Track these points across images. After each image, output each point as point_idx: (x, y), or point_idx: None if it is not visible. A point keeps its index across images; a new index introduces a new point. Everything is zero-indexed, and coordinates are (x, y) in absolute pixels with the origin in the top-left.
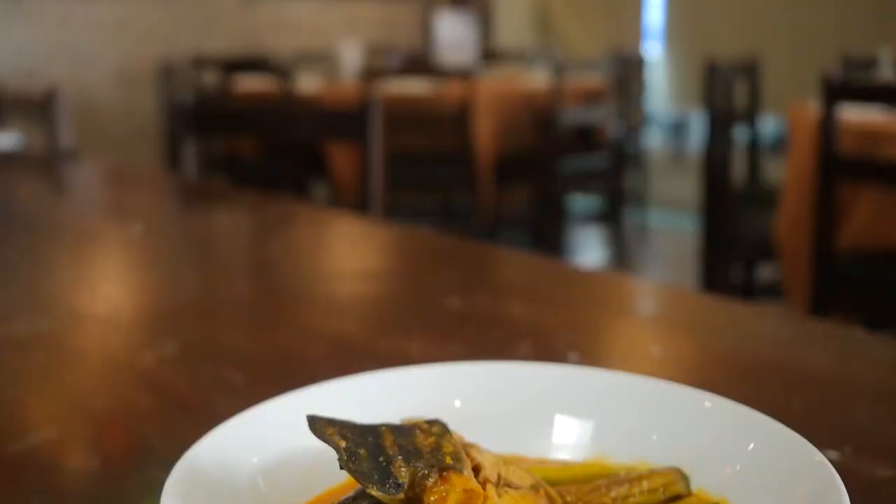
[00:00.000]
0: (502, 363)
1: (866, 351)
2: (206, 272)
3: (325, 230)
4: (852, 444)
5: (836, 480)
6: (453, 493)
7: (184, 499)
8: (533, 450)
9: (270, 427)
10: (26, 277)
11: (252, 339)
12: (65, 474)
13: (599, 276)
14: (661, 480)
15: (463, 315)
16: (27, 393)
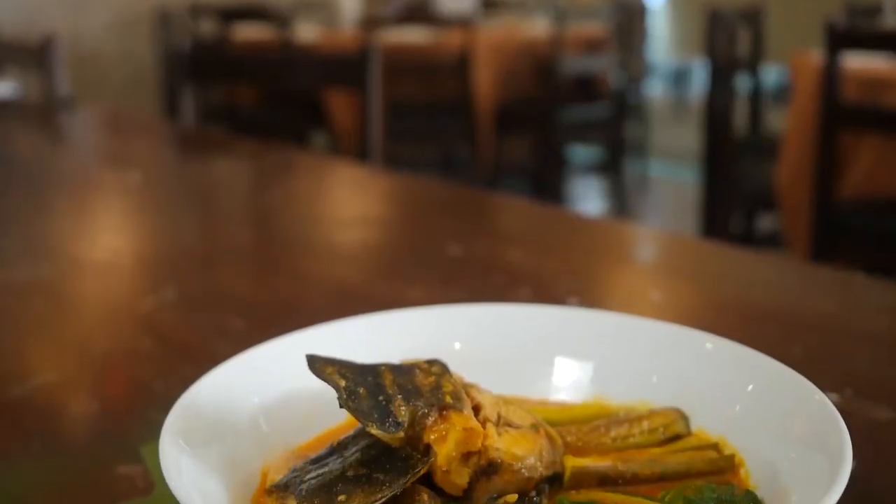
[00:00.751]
0: (502, 305)
1: (867, 296)
2: (206, 220)
3: (324, 178)
4: (852, 387)
5: (836, 417)
6: (453, 432)
7: (184, 437)
8: (533, 391)
9: (271, 368)
10: (24, 225)
11: (252, 285)
12: (65, 417)
13: (600, 224)
14: (661, 421)
15: (463, 261)
16: (27, 338)
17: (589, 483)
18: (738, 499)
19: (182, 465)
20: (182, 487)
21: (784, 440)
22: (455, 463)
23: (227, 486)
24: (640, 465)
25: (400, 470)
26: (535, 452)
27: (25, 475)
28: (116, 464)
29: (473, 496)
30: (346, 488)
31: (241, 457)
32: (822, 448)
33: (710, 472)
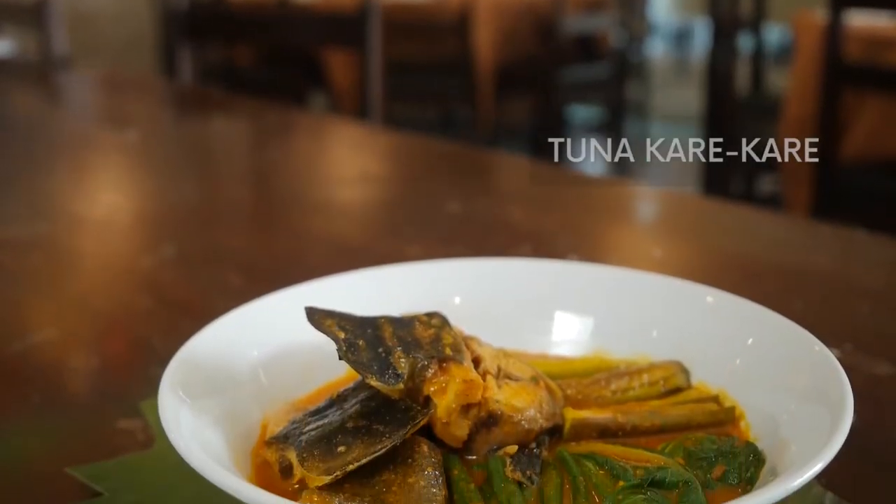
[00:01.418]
0: (502, 259)
1: (868, 252)
2: (204, 178)
3: (323, 137)
4: (852, 342)
5: (837, 369)
6: (453, 384)
7: (183, 388)
8: (533, 346)
9: (270, 321)
10: (23, 183)
11: (251, 242)
12: (65, 373)
13: (600, 182)
14: (661, 373)
15: (463, 219)
16: (26, 295)
17: (589, 435)
18: (739, 450)
19: (181, 417)
20: (181, 439)
21: (784, 392)
22: (455, 415)
23: (227, 438)
24: (640, 417)
25: (399, 422)
26: (534, 405)
27: (26, 430)
28: (116, 418)
29: (473, 448)
30: (346, 440)
31: (241, 409)
32: (822, 400)
33: (710, 425)
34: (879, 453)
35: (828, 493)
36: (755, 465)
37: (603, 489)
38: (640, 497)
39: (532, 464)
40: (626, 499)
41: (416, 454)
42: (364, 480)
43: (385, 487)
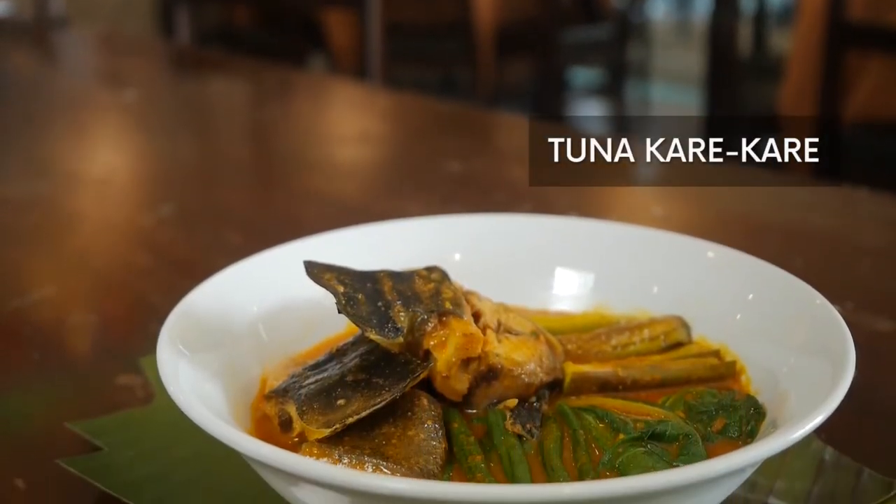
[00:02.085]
0: (502, 215)
1: (870, 210)
2: (203, 138)
3: (323, 96)
4: (853, 299)
5: (838, 321)
6: (453, 338)
7: (182, 341)
8: (534, 302)
9: (270, 276)
10: (21, 143)
11: (250, 201)
12: (65, 330)
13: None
14: (662, 328)
15: (463, 178)
16: (25, 253)
17: (589, 389)
18: (739, 404)
19: (180, 370)
20: (181, 392)
21: (785, 346)
22: (455, 369)
23: (227, 393)
24: (641, 371)
25: (399, 375)
26: (535, 358)
27: (25, 386)
28: (116, 375)
29: (473, 401)
30: (345, 393)
31: (241, 364)
32: (823, 353)
33: (710, 379)
34: (880, 409)
35: (827, 448)
36: (756, 418)
37: (603, 442)
38: (641, 450)
39: (532, 417)
40: (627, 451)
41: (415, 407)
42: (364, 433)
43: (385, 440)
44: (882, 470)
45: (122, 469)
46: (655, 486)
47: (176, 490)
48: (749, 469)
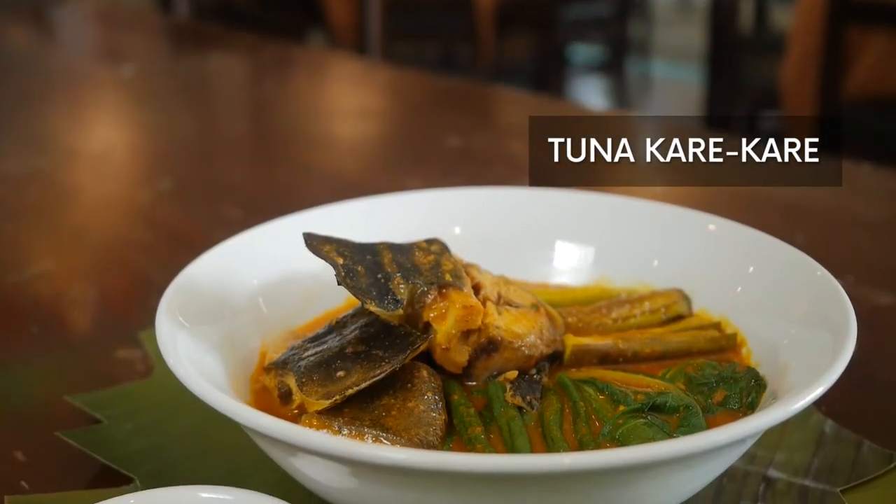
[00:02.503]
0: (502, 188)
1: (872, 185)
2: (202, 113)
3: (322, 71)
4: (854, 273)
5: (839, 292)
6: (453, 310)
7: (181, 313)
8: (534, 275)
9: (270, 249)
10: (18, 118)
11: (249, 176)
12: (64, 304)
13: (602, 114)
14: (663, 301)
15: (463, 152)
16: (23, 228)
17: (589, 361)
18: (740, 376)
19: (179, 341)
20: (179, 363)
21: (786, 319)
22: (455, 341)
23: (226, 365)
24: (641, 343)
25: (399, 347)
26: (535, 331)
27: (25, 360)
28: (115, 348)
29: (473, 374)
30: (345, 365)
31: (240, 336)
32: (825, 325)
33: (711, 351)
34: (880, 382)
35: (827, 421)
36: (756, 390)
37: (603, 413)
38: (641, 421)
39: (532, 389)
40: (627, 423)
41: (415, 379)
42: (363, 405)
43: (385, 412)
44: (882, 442)
45: (121, 441)
46: (655, 456)
47: (175, 462)
48: (749, 440)
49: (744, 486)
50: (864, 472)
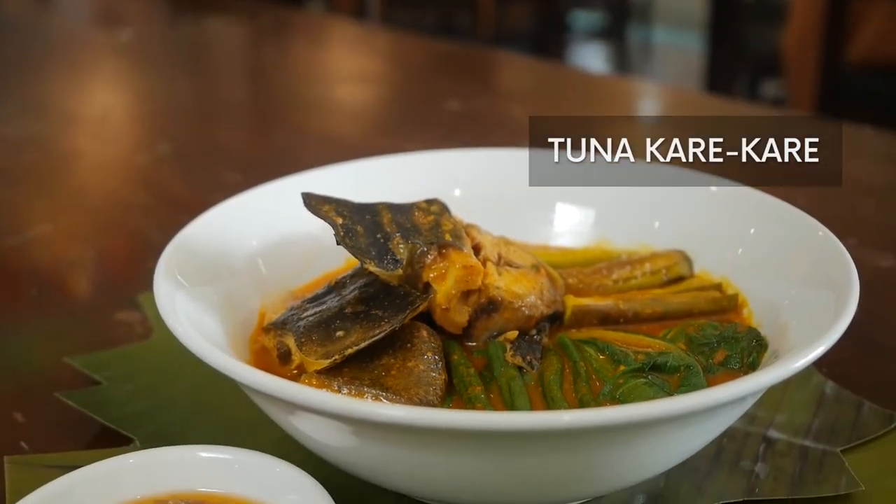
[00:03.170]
0: (502, 150)
1: (874, 148)
2: (200, 77)
3: (321, 36)
4: (857, 237)
5: (841, 250)
6: (453, 270)
7: (180, 272)
8: (534, 237)
9: (269, 210)
10: (15, 83)
11: (248, 140)
12: (63, 267)
13: (603, 79)
14: (664, 262)
15: (463, 117)
16: (22, 192)
17: (590, 322)
18: (741, 336)
19: (177, 302)
20: (178, 323)
21: (788, 279)
22: (455, 301)
23: (225, 325)
24: (642, 304)
25: (398, 307)
26: (535, 291)
27: (24, 322)
28: (114, 311)
29: (473, 334)
30: (345, 325)
31: (239, 297)
32: (827, 284)
33: (712, 312)
34: (881, 344)
35: (828, 382)
36: (757, 350)
37: (604, 373)
38: (641, 381)
39: (532, 349)
40: (627, 382)
41: (415, 339)
42: (363, 365)
43: (384, 371)
44: (882, 403)
45: (120, 402)
46: (656, 414)
47: (175, 423)
48: (750, 399)
49: (744, 447)
50: (865, 433)
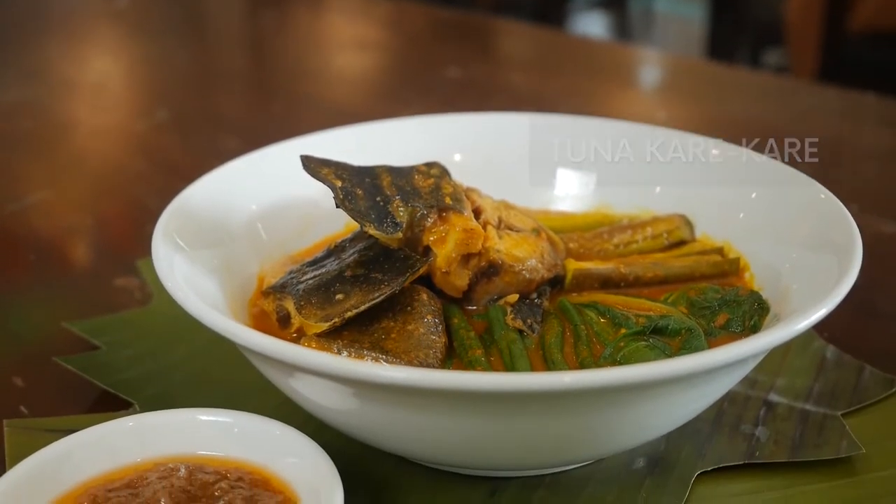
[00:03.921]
0: (503, 114)
1: (877, 114)
2: (198, 44)
3: (320, 3)
4: (859, 202)
5: (843, 212)
6: (453, 233)
7: (179, 235)
8: (535, 202)
9: (268, 174)
10: (12, 48)
11: (246, 107)
12: (61, 233)
13: (604, 46)
14: (665, 226)
15: (463, 84)
16: (20, 158)
17: (591, 285)
18: (743, 299)
19: (176, 265)
20: (177, 286)
21: (790, 242)
22: (455, 264)
23: (224, 289)
24: (643, 268)
25: (398, 270)
26: (536, 255)
27: (23, 288)
28: (113, 277)
29: (474, 298)
30: (344, 288)
31: (238, 261)
32: (829, 247)
33: (714, 276)
34: (882, 309)
35: (829, 347)
36: (759, 313)
37: (604, 337)
38: (642, 344)
39: (533, 313)
40: (628, 345)
41: (415, 302)
42: (363, 328)
43: (384, 334)
44: (883, 367)
45: (120, 367)
46: (657, 375)
47: (175, 388)
48: (751, 361)
49: (745, 410)
50: (865, 397)
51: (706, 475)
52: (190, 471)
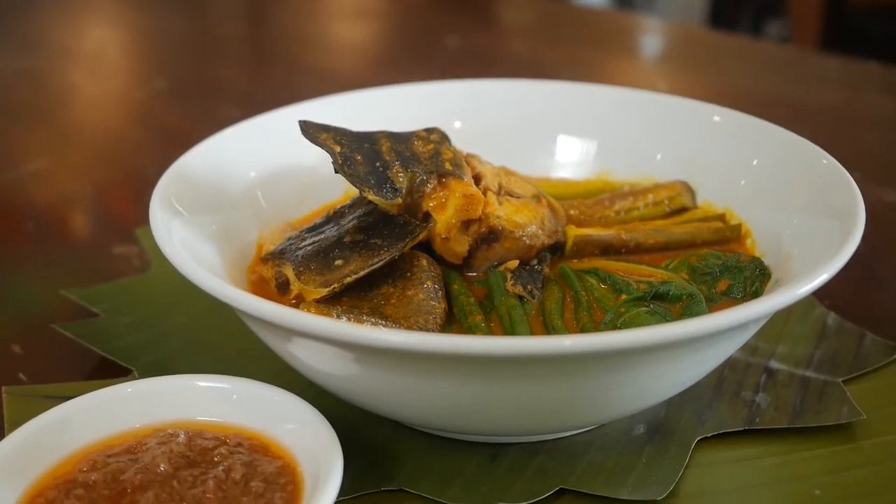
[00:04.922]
0: (502, 81)
1: (879, 83)
2: (196, 12)
3: None
4: (861, 170)
5: (846, 177)
6: (453, 199)
7: (177, 199)
8: (536, 169)
9: (267, 141)
10: (8, 17)
11: (245, 75)
12: (59, 201)
13: (606, 15)
14: (666, 193)
15: (463, 53)
16: (17, 126)
17: (591, 252)
18: (744, 265)
19: (174, 231)
20: (176, 252)
21: (792, 208)
22: (455, 230)
23: (223, 255)
24: (644, 234)
25: (398, 235)
26: (536, 221)
27: (21, 256)
28: (112, 245)
29: (474, 264)
30: (343, 253)
31: (237, 228)
32: (831, 212)
33: (715, 242)
34: (884, 276)
35: (830, 314)
36: (760, 279)
37: (605, 303)
38: (643, 309)
39: (533, 279)
40: (629, 311)
41: (415, 268)
42: (362, 293)
43: (384, 300)
44: (884, 334)
45: (118, 334)
46: (657, 339)
47: (173, 354)
48: (752, 326)
49: (745, 377)
50: (866, 364)
51: (706, 441)
52: (189, 436)
